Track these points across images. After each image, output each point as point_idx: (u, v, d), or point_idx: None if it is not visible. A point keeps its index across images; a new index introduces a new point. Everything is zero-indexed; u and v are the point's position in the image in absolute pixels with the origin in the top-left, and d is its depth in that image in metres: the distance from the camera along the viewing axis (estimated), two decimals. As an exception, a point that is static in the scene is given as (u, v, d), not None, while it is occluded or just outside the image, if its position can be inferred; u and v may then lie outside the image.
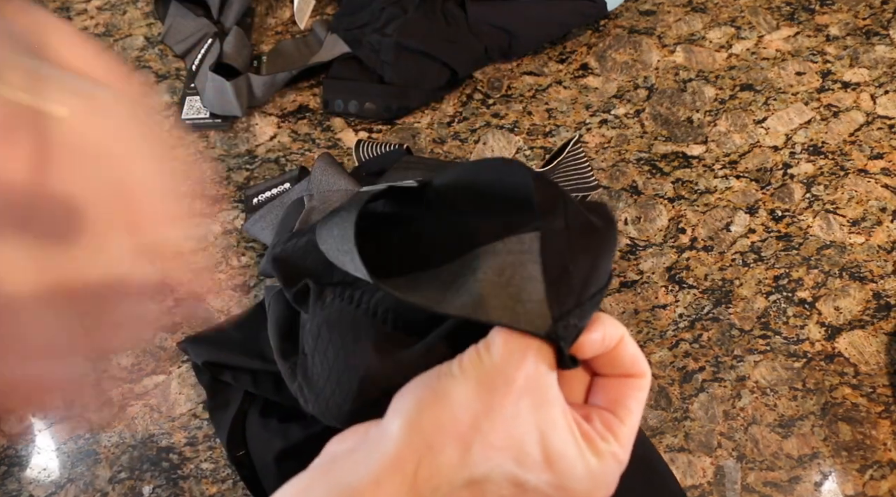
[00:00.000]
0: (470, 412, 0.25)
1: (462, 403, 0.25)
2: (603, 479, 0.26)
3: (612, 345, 0.27)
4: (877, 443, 0.52)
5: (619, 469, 0.26)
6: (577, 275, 0.26)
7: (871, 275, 0.58)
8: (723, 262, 0.60)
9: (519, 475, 0.24)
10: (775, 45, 0.71)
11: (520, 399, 0.25)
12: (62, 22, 0.26)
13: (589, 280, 0.26)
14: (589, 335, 0.27)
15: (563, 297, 0.25)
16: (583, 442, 0.25)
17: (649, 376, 0.28)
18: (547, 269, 0.25)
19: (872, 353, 0.55)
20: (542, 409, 0.25)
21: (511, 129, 0.67)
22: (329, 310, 0.32)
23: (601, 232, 0.27)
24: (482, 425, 0.24)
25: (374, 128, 0.68)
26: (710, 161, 0.65)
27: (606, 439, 0.26)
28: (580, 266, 0.26)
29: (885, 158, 0.64)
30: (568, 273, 0.26)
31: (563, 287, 0.25)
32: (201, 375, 0.55)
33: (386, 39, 0.68)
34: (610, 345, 0.27)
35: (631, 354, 0.28)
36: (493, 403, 0.25)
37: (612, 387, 0.28)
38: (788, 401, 0.54)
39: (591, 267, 0.26)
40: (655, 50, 0.72)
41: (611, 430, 0.26)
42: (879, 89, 0.68)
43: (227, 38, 0.71)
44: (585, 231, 0.27)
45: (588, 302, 0.26)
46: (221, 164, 0.67)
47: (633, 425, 0.27)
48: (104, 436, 0.55)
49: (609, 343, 0.27)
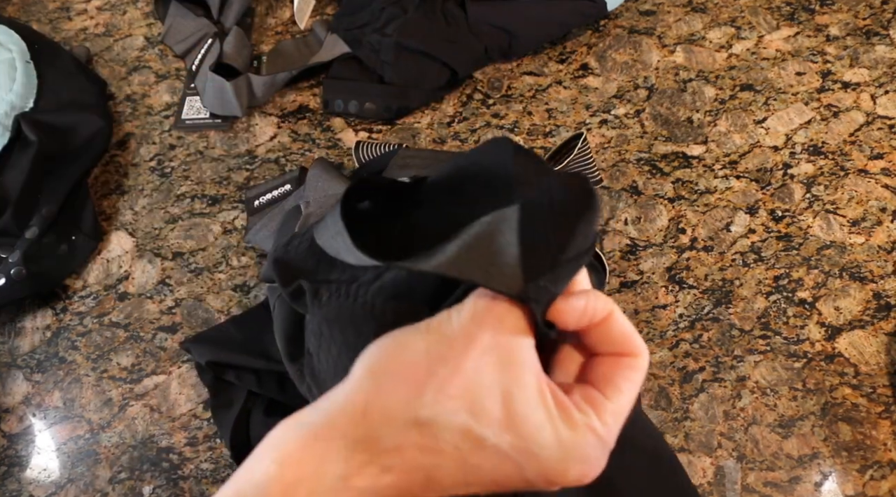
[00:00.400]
0: (427, 361, 0.25)
1: (420, 352, 0.25)
2: (578, 452, 0.25)
3: (599, 318, 0.27)
4: (877, 443, 0.52)
5: (601, 446, 0.26)
6: (553, 241, 0.27)
7: (871, 275, 0.58)
8: (723, 262, 0.60)
9: (474, 428, 0.24)
10: (775, 46, 0.71)
11: (483, 356, 0.25)
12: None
13: (566, 247, 0.27)
14: (568, 302, 0.26)
15: (538, 262, 0.26)
16: (556, 410, 0.25)
17: (644, 357, 0.27)
18: (523, 236, 0.26)
19: (872, 353, 0.55)
20: (509, 369, 0.25)
21: (511, 129, 0.67)
22: (327, 307, 0.33)
23: (579, 200, 0.27)
24: (438, 372, 0.25)
25: (373, 128, 0.68)
26: (711, 161, 0.65)
27: (584, 411, 0.25)
28: (557, 233, 0.27)
29: (885, 158, 0.64)
30: (545, 240, 0.26)
31: (538, 252, 0.26)
32: (204, 375, 0.55)
33: (386, 39, 0.68)
34: (595, 318, 0.27)
35: (621, 331, 0.27)
36: (451, 355, 0.25)
37: (603, 364, 0.27)
38: (788, 401, 0.54)
39: (568, 234, 0.27)
40: (655, 50, 0.72)
41: (592, 403, 0.26)
42: (879, 89, 0.68)
43: (227, 38, 0.71)
44: (563, 199, 0.27)
45: (563, 266, 0.26)
46: (221, 165, 0.67)
47: (622, 404, 0.26)
48: (104, 436, 0.55)
49: (594, 315, 0.26)
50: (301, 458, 0.24)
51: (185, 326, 0.59)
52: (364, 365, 0.26)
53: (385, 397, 0.25)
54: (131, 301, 0.60)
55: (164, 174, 0.67)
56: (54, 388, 0.57)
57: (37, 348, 0.59)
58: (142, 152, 0.68)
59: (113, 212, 0.65)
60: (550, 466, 0.25)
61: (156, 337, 0.59)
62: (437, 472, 0.25)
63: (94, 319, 0.60)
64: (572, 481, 0.25)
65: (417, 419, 0.24)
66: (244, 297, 0.60)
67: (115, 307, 0.60)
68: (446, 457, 0.25)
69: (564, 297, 0.26)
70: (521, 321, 0.26)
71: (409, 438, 0.24)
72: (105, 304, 0.60)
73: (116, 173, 0.67)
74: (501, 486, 0.25)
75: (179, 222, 0.64)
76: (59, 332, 0.59)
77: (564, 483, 0.25)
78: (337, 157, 0.67)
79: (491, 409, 0.24)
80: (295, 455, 0.24)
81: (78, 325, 0.59)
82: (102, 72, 0.74)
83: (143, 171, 0.67)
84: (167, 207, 0.65)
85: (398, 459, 0.24)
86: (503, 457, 0.25)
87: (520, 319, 0.26)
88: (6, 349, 0.59)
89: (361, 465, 0.24)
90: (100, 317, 0.60)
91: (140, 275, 0.62)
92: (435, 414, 0.24)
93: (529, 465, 0.25)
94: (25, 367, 0.58)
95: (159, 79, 0.73)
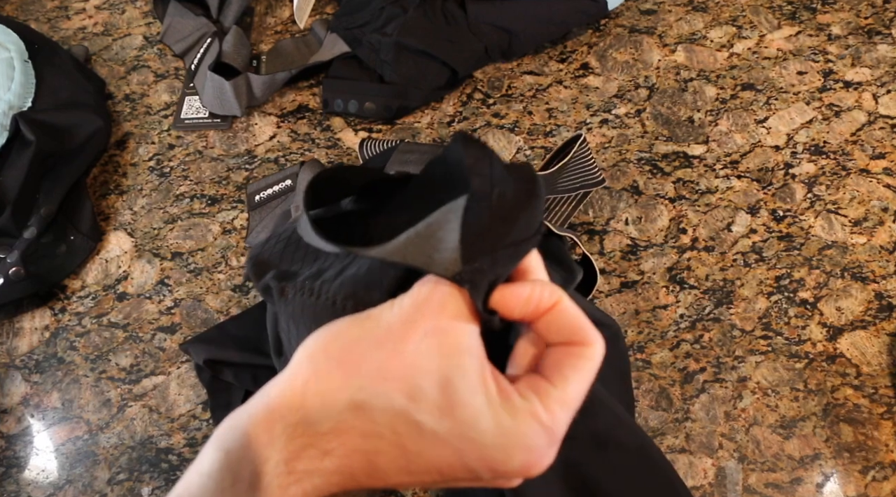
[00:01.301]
0: (364, 345, 0.25)
1: (358, 337, 0.25)
2: (520, 439, 0.24)
3: (546, 307, 0.26)
4: (879, 444, 0.52)
5: (545, 435, 0.25)
6: (495, 228, 0.27)
7: (872, 275, 0.58)
8: (724, 262, 0.59)
9: (412, 412, 0.24)
10: (777, 45, 0.71)
11: (423, 340, 0.25)
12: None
13: (508, 233, 0.27)
14: (511, 288, 0.26)
15: (478, 246, 0.26)
16: (497, 396, 0.25)
17: (596, 347, 0.26)
18: (466, 222, 0.26)
19: (874, 353, 0.55)
20: (449, 354, 0.25)
21: (511, 128, 0.67)
22: (293, 305, 0.33)
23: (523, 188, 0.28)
24: (375, 356, 0.25)
25: (373, 128, 0.68)
26: (712, 161, 0.64)
27: (527, 398, 0.25)
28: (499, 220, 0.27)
29: (886, 158, 0.64)
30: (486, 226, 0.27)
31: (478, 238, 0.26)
32: (202, 375, 0.55)
33: (386, 39, 0.67)
34: (542, 306, 0.26)
35: (570, 320, 0.26)
36: (389, 340, 0.25)
37: (553, 354, 0.27)
38: (790, 402, 0.53)
39: (511, 221, 0.27)
40: (656, 49, 0.72)
41: (536, 391, 0.25)
42: (881, 89, 0.68)
43: (227, 37, 0.71)
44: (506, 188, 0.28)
45: (502, 251, 0.26)
46: (221, 164, 0.67)
47: (570, 393, 0.26)
48: (103, 437, 0.55)
49: (540, 304, 0.26)
50: (244, 445, 0.24)
51: (184, 327, 0.59)
52: (303, 351, 0.26)
53: (322, 381, 0.25)
54: (130, 301, 0.60)
55: (163, 174, 0.67)
56: (53, 388, 0.57)
57: (35, 349, 0.59)
58: (141, 152, 0.68)
59: (112, 212, 0.65)
60: (491, 454, 0.24)
61: (155, 337, 0.58)
62: (379, 458, 0.25)
63: (93, 320, 0.59)
64: (516, 471, 0.25)
65: (354, 401, 0.24)
66: (243, 297, 0.60)
67: (114, 307, 0.60)
68: (385, 441, 0.24)
69: (508, 284, 0.26)
70: (463, 307, 0.25)
71: (348, 422, 0.24)
72: (104, 305, 0.60)
73: (115, 173, 0.67)
74: (445, 475, 0.25)
75: (178, 222, 0.64)
76: (58, 332, 0.59)
77: (508, 473, 0.25)
78: (336, 156, 0.66)
79: (429, 394, 0.24)
80: (238, 442, 0.24)
81: (76, 326, 0.59)
82: (101, 71, 0.74)
83: (141, 171, 0.67)
84: (166, 207, 0.65)
85: (337, 443, 0.24)
86: (443, 443, 0.24)
87: (462, 306, 0.25)
88: (4, 350, 0.59)
89: (302, 447, 0.24)
90: (98, 317, 0.60)
91: (139, 275, 0.61)
92: (371, 396, 0.24)
93: (470, 453, 0.24)
94: (24, 367, 0.58)
95: (158, 78, 0.73)
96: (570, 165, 0.58)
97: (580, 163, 0.59)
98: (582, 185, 0.59)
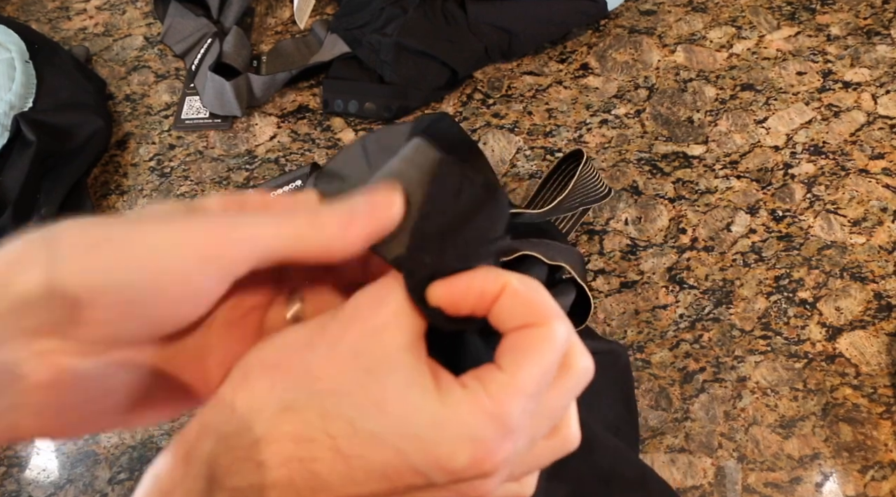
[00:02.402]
0: (294, 347, 0.25)
1: (294, 341, 0.25)
2: (461, 430, 0.23)
3: (492, 294, 0.25)
4: (878, 444, 0.52)
5: (491, 422, 0.23)
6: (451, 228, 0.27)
7: (872, 275, 0.58)
8: (723, 262, 0.60)
9: (343, 412, 0.23)
10: (776, 45, 0.71)
11: (357, 339, 0.24)
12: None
13: (460, 231, 0.26)
14: (449, 281, 0.25)
15: (427, 240, 0.26)
16: (433, 389, 0.23)
17: (551, 325, 0.24)
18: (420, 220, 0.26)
19: (873, 353, 0.55)
20: (384, 352, 0.24)
21: (511, 129, 0.67)
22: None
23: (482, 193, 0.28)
24: (306, 358, 0.24)
25: (373, 128, 0.68)
26: (711, 161, 0.65)
27: (468, 386, 0.23)
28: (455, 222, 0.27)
29: (886, 158, 0.64)
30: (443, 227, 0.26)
31: (431, 233, 0.26)
32: None
33: (386, 39, 0.68)
34: (487, 294, 0.25)
35: (522, 303, 0.25)
36: (324, 341, 0.24)
37: (507, 340, 0.25)
38: (789, 401, 0.54)
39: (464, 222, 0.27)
40: (656, 50, 0.72)
41: (481, 379, 0.24)
42: (881, 89, 0.68)
43: (227, 37, 0.71)
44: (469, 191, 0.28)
45: (452, 247, 0.26)
46: (221, 165, 0.67)
47: (521, 377, 0.24)
48: (103, 437, 0.55)
49: (485, 291, 0.25)
50: (174, 466, 0.23)
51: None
52: (238, 364, 0.25)
53: (251, 387, 0.24)
54: (131, 301, 0.60)
55: (163, 174, 0.67)
56: (53, 388, 0.57)
57: (36, 349, 0.59)
58: (141, 152, 0.68)
59: (112, 212, 0.65)
60: (434, 450, 0.23)
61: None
62: (317, 466, 0.23)
63: (94, 320, 0.59)
64: (466, 465, 0.23)
65: (283, 403, 0.23)
66: (244, 297, 0.60)
67: (115, 307, 0.60)
68: (320, 445, 0.23)
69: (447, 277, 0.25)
70: (404, 304, 0.25)
71: (279, 427, 0.23)
72: (104, 305, 0.60)
73: (116, 173, 0.67)
74: (393, 481, 0.23)
75: (179, 222, 0.64)
76: (59, 332, 0.59)
77: (459, 470, 0.23)
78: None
79: (360, 392, 0.23)
80: (169, 464, 0.23)
81: (77, 326, 0.59)
82: (102, 71, 0.74)
83: (142, 171, 0.67)
84: (167, 207, 0.65)
85: (270, 452, 0.23)
86: (381, 442, 0.23)
87: (403, 302, 0.25)
88: (5, 349, 0.59)
89: (235, 461, 0.23)
90: (99, 317, 0.60)
91: (139, 275, 0.61)
92: (298, 397, 0.23)
93: (413, 452, 0.23)
94: (24, 367, 0.58)
95: (159, 78, 0.73)
96: (578, 187, 0.58)
97: (585, 181, 0.59)
98: (586, 201, 0.59)
